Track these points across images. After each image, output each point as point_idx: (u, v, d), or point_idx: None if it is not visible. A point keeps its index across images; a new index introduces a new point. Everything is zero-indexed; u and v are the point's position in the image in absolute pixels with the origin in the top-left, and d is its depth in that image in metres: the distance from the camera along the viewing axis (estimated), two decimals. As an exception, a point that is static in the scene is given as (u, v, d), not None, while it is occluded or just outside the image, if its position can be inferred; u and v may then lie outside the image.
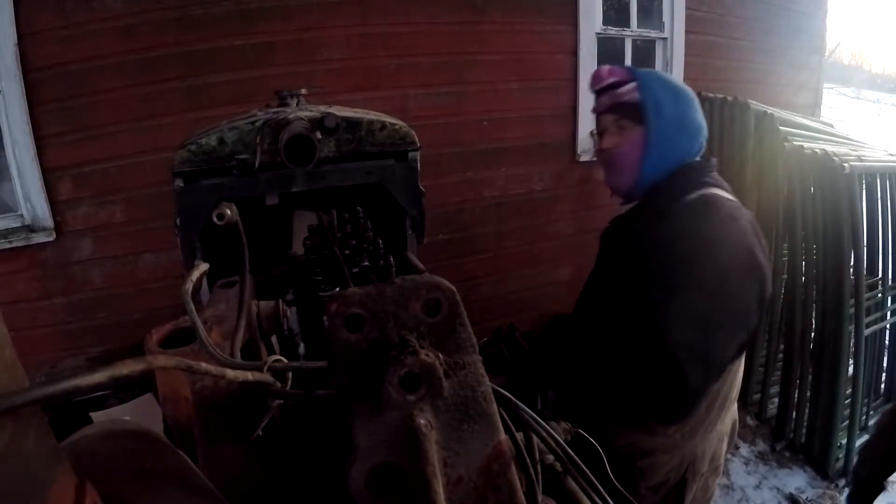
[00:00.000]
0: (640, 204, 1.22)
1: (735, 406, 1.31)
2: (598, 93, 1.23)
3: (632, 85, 1.17)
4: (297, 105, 1.23)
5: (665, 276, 1.03)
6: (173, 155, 1.07)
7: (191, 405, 0.52)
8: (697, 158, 1.22)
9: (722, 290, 1.01)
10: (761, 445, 2.80)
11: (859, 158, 2.54)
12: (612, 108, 1.20)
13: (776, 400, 2.88)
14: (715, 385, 1.09)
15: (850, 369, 2.53)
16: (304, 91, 1.29)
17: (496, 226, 3.19)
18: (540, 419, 0.44)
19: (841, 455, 2.53)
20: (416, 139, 1.18)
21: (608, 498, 0.44)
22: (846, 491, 2.48)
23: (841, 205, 2.39)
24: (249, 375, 0.41)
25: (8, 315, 0.30)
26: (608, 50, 3.46)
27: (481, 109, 3.11)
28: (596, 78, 1.22)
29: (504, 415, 0.40)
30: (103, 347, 2.41)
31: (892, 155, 2.85)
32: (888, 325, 2.75)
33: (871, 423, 2.74)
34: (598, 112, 1.24)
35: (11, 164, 2.46)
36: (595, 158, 1.29)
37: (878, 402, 2.87)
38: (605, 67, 1.22)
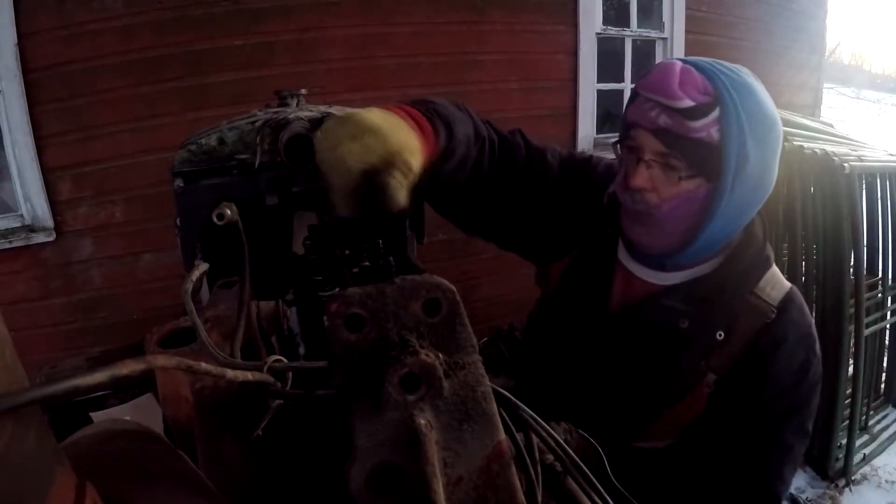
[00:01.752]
0: (692, 287, 0.84)
1: None
2: (647, 98, 0.77)
3: (713, 116, 0.74)
4: (297, 105, 1.23)
5: (798, 406, 0.84)
6: (173, 155, 1.07)
7: (191, 405, 0.52)
8: None
9: None
10: (761, 445, 2.80)
11: (859, 158, 2.54)
12: (667, 139, 0.76)
13: (776, 400, 2.87)
14: None
15: (850, 369, 2.53)
16: (304, 91, 1.29)
17: (496, 226, 3.20)
18: (540, 419, 0.44)
19: (841, 455, 2.53)
20: (416, 139, 1.18)
21: (608, 498, 0.44)
22: (846, 492, 2.48)
23: (841, 205, 2.39)
24: (249, 375, 0.41)
25: (8, 315, 0.30)
26: (608, 50, 3.46)
27: (481, 109, 3.08)
28: (663, 89, 0.75)
29: (504, 415, 0.40)
30: (103, 347, 2.40)
31: (892, 155, 2.85)
32: (888, 325, 2.75)
33: (871, 423, 2.74)
34: (636, 124, 0.79)
35: (11, 164, 2.46)
36: (612, 190, 0.87)
37: (878, 402, 2.87)
38: (677, 71, 0.75)
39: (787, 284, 0.87)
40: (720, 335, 0.82)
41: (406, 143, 0.63)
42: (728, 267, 0.84)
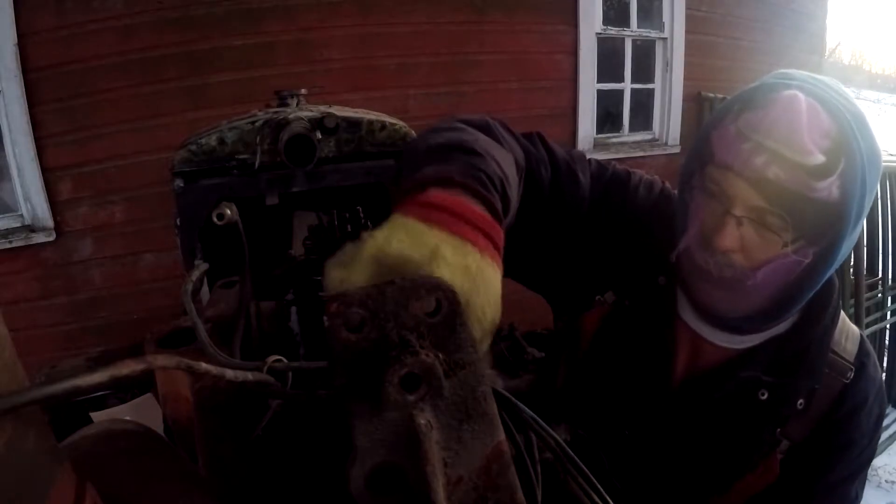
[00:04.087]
0: (773, 352, 0.72)
1: None
2: (751, 138, 0.60)
3: (839, 171, 0.58)
4: (297, 105, 1.23)
5: (870, 459, 0.79)
6: (173, 155, 1.07)
7: (191, 405, 0.52)
8: None
9: None
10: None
11: (859, 158, 2.54)
12: (771, 194, 0.59)
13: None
14: None
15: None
16: (304, 91, 1.29)
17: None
18: (540, 419, 0.44)
19: (841, 455, 2.53)
20: (416, 139, 1.18)
21: (608, 498, 0.44)
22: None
23: (841, 205, 2.39)
24: (249, 375, 0.41)
25: (8, 315, 0.30)
26: (608, 50, 3.47)
27: (481, 109, 3.09)
28: (789, 131, 0.58)
29: (504, 415, 0.40)
30: (103, 347, 2.41)
31: (892, 155, 2.85)
32: (888, 325, 2.75)
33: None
34: (727, 167, 0.62)
35: (11, 164, 2.47)
36: (684, 246, 0.68)
37: (878, 402, 2.87)
38: (804, 107, 0.59)
39: (856, 331, 0.77)
40: (801, 405, 0.71)
41: (496, 306, 0.47)
42: (810, 324, 0.72)
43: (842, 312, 0.75)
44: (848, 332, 0.75)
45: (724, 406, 0.73)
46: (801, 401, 0.71)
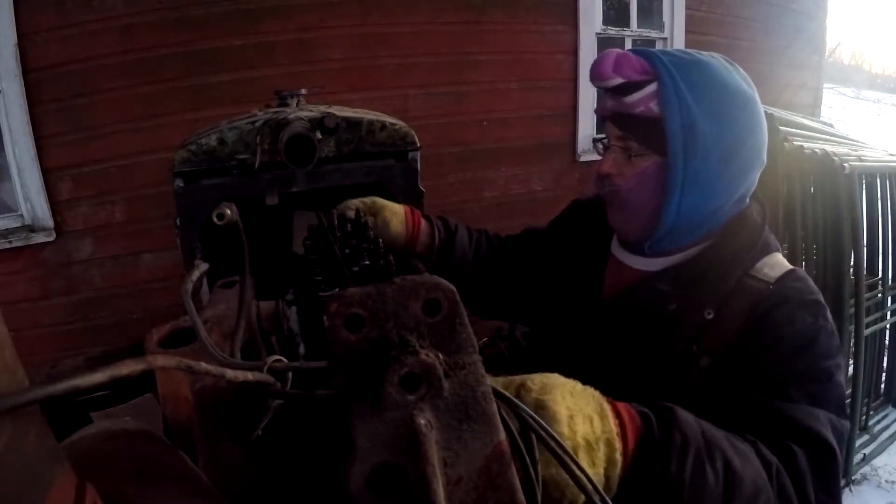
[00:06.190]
0: (679, 271, 0.83)
1: None
2: (598, 88, 0.84)
3: (649, 90, 0.77)
4: (297, 105, 1.23)
5: (814, 374, 0.73)
6: (173, 155, 1.07)
7: (191, 405, 0.52)
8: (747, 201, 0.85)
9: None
10: (761, 445, 2.80)
11: (859, 158, 2.54)
12: (619, 122, 0.81)
13: (776, 400, 2.88)
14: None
15: (850, 369, 2.53)
16: (304, 91, 1.29)
17: (496, 226, 3.18)
18: (540, 420, 0.44)
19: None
20: (416, 139, 1.18)
21: (606, 498, 0.44)
22: (846, 492, 2.48)
23: (841, 205, 2.39)
24: (249, 375, 0.41)
25: (8, 315, 0.30)
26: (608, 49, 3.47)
27: (481, 109, 3.11)
28: (596, 71, 0.80)
29: (504, 415, 0.40)
30: (103, 347, 2.41)
31: (892, 155, 2.85)
32: (888, 325, 2.75)
33: (871, 422, 2.74)
34: (601, 117, 0.86)
35: (11, 164, 2.47)
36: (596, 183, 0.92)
37: (878, 402, 2.87)
38: (612, 56, 0.79)
39: (787, 265, 0.81)
40: (709, 314, 0.78)
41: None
42: (716, 248, 0.82)
43: (778, 256, 0.83)
44: (776, 265, 0.81)
45: (640, 318, 0.84)
46: (708, 311, 0.78)
